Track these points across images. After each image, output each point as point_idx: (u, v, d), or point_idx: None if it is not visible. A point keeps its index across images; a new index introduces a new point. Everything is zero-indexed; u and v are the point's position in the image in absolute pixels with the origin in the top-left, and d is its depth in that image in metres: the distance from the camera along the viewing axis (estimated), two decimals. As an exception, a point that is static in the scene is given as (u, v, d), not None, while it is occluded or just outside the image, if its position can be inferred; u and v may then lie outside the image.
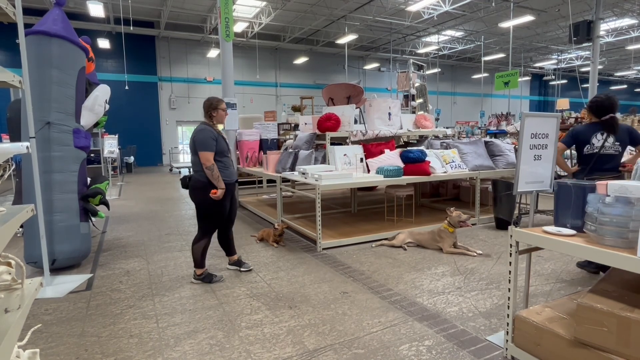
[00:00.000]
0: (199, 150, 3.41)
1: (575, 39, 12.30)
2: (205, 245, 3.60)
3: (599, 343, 1.74)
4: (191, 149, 3.52)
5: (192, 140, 3.48)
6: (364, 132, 5.80)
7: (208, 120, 3.58)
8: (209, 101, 3.59)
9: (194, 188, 3.50)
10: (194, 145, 3.45)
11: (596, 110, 3.44)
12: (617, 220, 1.71)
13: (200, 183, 3.45)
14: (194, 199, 3.54)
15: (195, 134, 3.48)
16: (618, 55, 24.31)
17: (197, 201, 3.53)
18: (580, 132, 3.49)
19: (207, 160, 3.39)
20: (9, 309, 1.17)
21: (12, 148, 1.45)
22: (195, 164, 3.51)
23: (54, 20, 3.89)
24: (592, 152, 3.41)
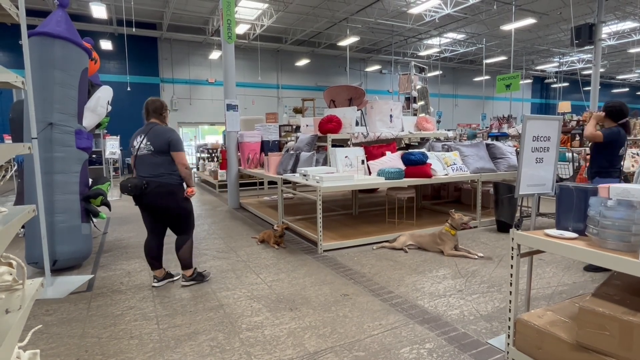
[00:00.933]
0: (176, 150, 3.24)
1: (577, 42, 12.30)
2: (191, 245, 3.49)
3: (601, 347, 1.73)
4: (157, 149, 3.22)
5: (165, 141, 3.22)
6: (366, 134, 5.80)
7: (160, 121, 3.38)
8: (159, 101, 3.40)
9: (165, 193, 3.23)
10: (167, 145, 3.22)
11: (616, 115, 3.66)
12: (620, 224, 1.70)
13: (173, 187, 3.27)
14: (169, 204, 3.28)
15: (167, 134, 3.25)
16: (620, 59, 24.28)
17: (173, 205, 3.29)
18: (621, 134, 3.68)
19: (186, 160, 3.29)
20: (10, 310, 1.17)
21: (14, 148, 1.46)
22: (157, 166, 3.22)
23: (57, 22, 3.90)
24: (622, 154, 3.70)
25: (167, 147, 3.24)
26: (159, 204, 3.27)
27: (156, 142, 3.23)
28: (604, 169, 3.71)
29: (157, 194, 3.23)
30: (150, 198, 3.24)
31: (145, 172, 3.25)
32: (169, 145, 3.23)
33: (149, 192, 3.22)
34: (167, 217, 3.37)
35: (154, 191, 3.22)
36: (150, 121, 3.36)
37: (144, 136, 3.28)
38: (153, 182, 3.21)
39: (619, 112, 3.65)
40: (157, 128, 3.29)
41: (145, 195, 3.23)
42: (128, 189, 3.17)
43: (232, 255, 4.49)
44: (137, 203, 3.37)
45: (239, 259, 4.34)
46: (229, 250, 4.67)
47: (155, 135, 3.25)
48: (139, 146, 3.29)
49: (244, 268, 4.02)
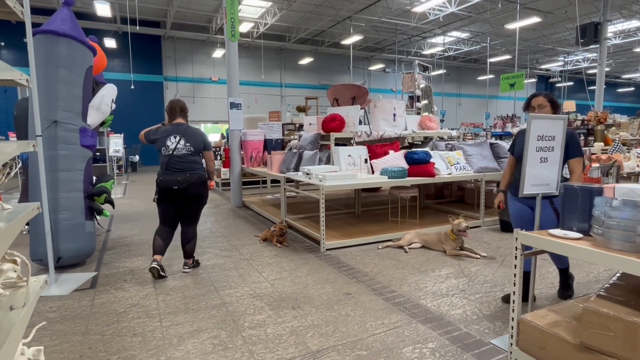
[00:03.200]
0: (209, 149, 3.80)
1: (582, 40, 12.22)
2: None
3: (605, 348, 1.73)
4: (196, 148, 3.69)
5: (201, 141, 3.72)
6: (369, 133, 5.79)
7: (186, 121, 3.82)
8: (181, 102, 3.81)
9: (201, 184, 3.72)
10: (203, 145, 3.73)
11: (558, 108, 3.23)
12: (625, 224, 1.69)
13: (205, 178, 3.76)
14: (203, 193, 3.75)
15: (202, 135, 3.76)
16: (625, 58, 24.11)
17: (204, 195, 3.78)
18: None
19: (213, 157, 3.83)
20: (14, 307, 1.18)
21: (19, 146, 1.46)
22: (194, 163, 3.69)
23: (62, 20, 3.91)
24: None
25: (203, 147, 3.75)
26: (197, 192, 3.70)
27: (195, 142, 3.69)
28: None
29: (197, 184, 3.68)
30: (193, 188, 3.67)
31: (185, 168, 3.65)
32: (204, 145, 3.76)
33: (193, 183, 3.65)
34: (194, 205, 3.77)
35: (197, 182, 3.67)
36: (179, 121, 3.75)
37: (179, 137, 3.66)
38: (194, 174, 3.67)
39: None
40: (192, 129, 3.73)
41: (190, 186, 3.64)
42: (179, 182, 3.58)
43: (234, 253, 4.49)
44: (170, 197, 3.66)
45: (242, 257, 4.35)
46: (231, 249, 4.68)
47: (192, 136, 3.70)
48: (176, 146, 3.65)
49: (247, 266, 4.03)
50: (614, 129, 9.02)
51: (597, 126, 7.42)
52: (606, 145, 6.95)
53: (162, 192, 3.64)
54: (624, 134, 8.59)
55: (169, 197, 3.66)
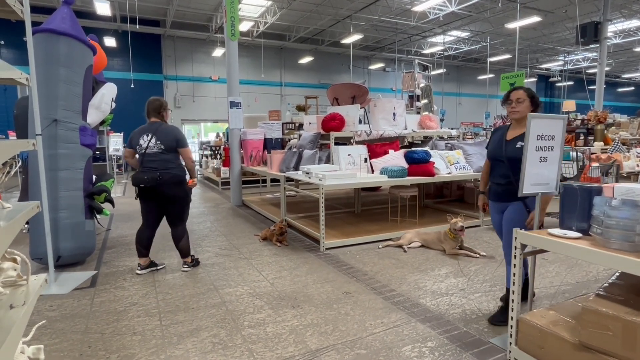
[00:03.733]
0: (183, 147, 3.65)
1: (583, 40, 12.21)
2: (188, 235, 3.90)
3: (604, 347, 1.73)
4: (167, 146, 3.58)
5: (173, 139, 3.59)
6: (369, 132, 5.79)
7: (161, 119, 3.70)
8: (158, 101, 3.71)
9: (176, 184, 3.62)
10: (175, 143, 3.60)
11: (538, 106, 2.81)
12: (624, 224, 1.69)
13: (181, 178, 3.66)
14: (178, 193, 3.66)
15: (174, 133, 3.63)
16: (625, 57, 24.10)
17: (180, 195, 3.69)
18: None
19: (191, 155, 3.68)
20: (14, 305, 1.18)
21: (19, 145, 1.46)
22: (167, 161, 3.60)
23: (62, 19, 3.91)
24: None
25: (176, 145, 3.61)
26: (171, 192, 3.62)
27: (165, 140, 3.58)
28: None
29: (170, 184, 3.59)
30: (164, 188, 3.59)
31: (156, 167, 3.58)
32: (177, 142, 3.61)
33: (163, 183, 3.56)
34: (173, 205, 3.70)
35: (168, 182, 3.58)
36: (153, 120, 3.68)
37: (151, 135, 3.59)
38: (166, 173, 3.58)
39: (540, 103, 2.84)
40: (164, 127, 3.62)
41: (160, 185, 3.56)
42: (145, 180, 3.49)
43: (234, 252, 4.50)
44: (145, 195, 3.64)
45: (242, 256, 4.35)
46: (231, 248, 4.68)
47: (164, 134, 3.59)
48: (147, 144, 3.59)
49: (247, 265, 4.03)
50: (614, 129, 9.03)
51: (597, 126, 7.42)
52: (606, 145, 6.95)
53: (138, 190, 3.65)
54: (623, 133, 8.59)
55: (143, 195, 3.65)
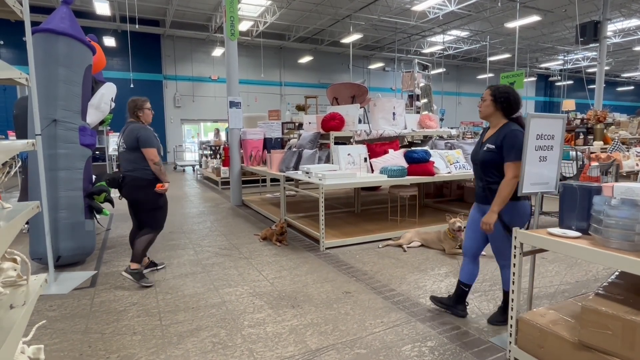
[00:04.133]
0: (145, 147, 3.41)
1: (582, 39, 12.21)
2: (151, 241, 3.58)
3: (604, 346, 1.73)
4: (129, 146, 3.45)
5: (134, 138, 3.41)
6: (368, 131, 5.79)
7: (137, 120, 3.58)
8: (133, 102, 3.57)
9: (137, 187, 3.47)
10: (137, 142, 3.41)
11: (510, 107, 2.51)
12: (623, 223, 1.69)
13: (145, 181, 3.46)
14: (139, 197, 3.50)
15: (136, 132, 3.42)
16: (625, 56, 24.11)
17: (143, 199, 3.51)
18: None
19: (154, 157, 3.44)
20: (14, 305, 1.18)
21: (18, 145, 1.46)
22: (131, 162, 3.47)
23: (61, 19, 3.91)
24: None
25: (137, 144, 3.42)
26: (132, 196, 3.53)
27: (127, 140, 3.47)
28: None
29: (131, 187, 3.48)
30: (126, 191, 3.53)
31: (124, 168, 3.53)
32: (137, 141, 3.41)
33: (125, 185, 3.50)
34: (139, 210, 3.59)
35: (129, 184, 3.48)
36: (128, 120, 3.60)
37: (121, 135, 3.57)
38: (129, 176, 3.48)
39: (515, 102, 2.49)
40: (130, 126, 3.50)
41: (122, 188, 3.52)
42: (107, 181, 3.53)
43: (234, 252, 4.50)
44: (121, 196, 3.64)
45: (242, 255, 4.35)
46: (231, 247, 4.68)
47: (127, 133, 3.49)
48: (119, 144, 3.59)
49: (246, 265, 4.03)
50: (614, 128, 9.03)
51: (596, 125, 7.42)
52: (605, 144, 6.95)
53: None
54: (623, 132, 8.60)
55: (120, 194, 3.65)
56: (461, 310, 2.81)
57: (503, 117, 2.53)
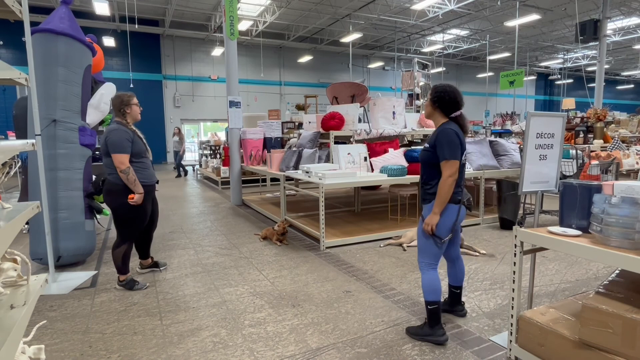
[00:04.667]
0: (111, 152, 3.14)
1: (582, 38, 12.21)
2: (126, 252, 3.37)
3: (604, 344, 1.73)
4: (103, 150, 3.23)
5: (104, 142, 3.17)
6: (368, 131, 5.79)
7: (121, 119, 3.31)
8: (119, 98, 3.31)
9: (109, 192, 3.25)
10: (106, 145, 3.17)
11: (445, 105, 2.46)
12: (624, 221, 1.69)
13: (117, 187, 3.21)
14: (110, 204, 3.27)
15: (107, 135, 3.19)
16: (625, 55, 24.10)
17: (114, 206, 3.26)
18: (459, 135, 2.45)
19: (121, 164, 3.13)
20: (14, 305, 1.18)
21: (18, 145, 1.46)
22: (106, 166, 3.25)
23: (60, 19, 3.91)
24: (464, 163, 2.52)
25: (106, 148, 3.19)
26: (106, 201, 3.35)
27: (102, 142, 3.23)
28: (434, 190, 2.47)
29: (105, 192, 3.32)
30: (103, 196, 3.38)
31: (105, 172, 3.35)
32: (107, 146, 3.18)
33: (103, 191, 3.35)
34: (113, 215, 3.35)
35: (105, 188, 3.32)
36: (114, 120, 3.34)
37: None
38: (107, 180, 3.31)
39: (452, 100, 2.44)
40: (108, 128, 3.24)
41: (102, 192, 3.46)
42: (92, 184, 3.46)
43: (234, 251, 4.50)
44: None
45: (242, 255, 4.35)
46: (231, 247, 4.68)
47: (103, 135, 3.25)
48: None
49: (247, 264, 4.03)
50: (614, 127, 9.03)
51: (596, 123, 7.42)
52: (605, 143, 6.95)
53: None
54: (623, 131, 8.60)
55: None
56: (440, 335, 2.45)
57: (442, 116, 2.49)
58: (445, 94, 2.44)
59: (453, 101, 2.44)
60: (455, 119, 2.48)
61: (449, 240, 2.51)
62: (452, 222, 2.44)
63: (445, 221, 2.43)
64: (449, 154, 2.36)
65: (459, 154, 2.37)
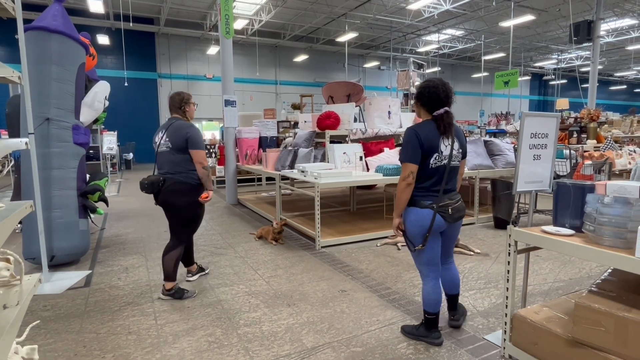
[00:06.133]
0: (194, 148, 3.05)
1: (576, 38, 12.30)
2: (180, 256, 3.19)
3: (597, 343, 1.75)
4: (175, 147, 3.06)
5: (183, 138, 3.04)
6: (364, 130, 5.80)
7: (181, 116, 3.21)
8: (179, 95, 3.23)
9: (178, 191, 3.06)
10: (185, 143, 3.04)
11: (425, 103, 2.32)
12: (616, 221, 1.71)
13: (187, 185, 3.08)
14: (179, 204, 3.09)
15: (185, 131, 3.06)
16: (618, 56, 24.31)
17: (182, 206, 3.10)
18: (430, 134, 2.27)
19: (204, 160, 3.07)
20: (7, 305, 1.17)
21: (11, 144, 1.45)
22: (175, 164, 3.07)
23: (53, 16, 3.87)
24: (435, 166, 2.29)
25: (185, 144, 3.05)
26: (170, 201, 3.10)
27: (174, 138, 3.06)
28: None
29: (171, 192, 3.07)
30: (164, 195, 3.09)
31: (165, 170, 3.11)
32: (187, 142, 3.05)
33: (164, 190, 3.07)
34: (173, 217, 3.17)
35: (169, 188, 3.06)
36: (172, 116, 3.23)
37: (164, 132, 3.14)
38: (170, 179, 3.06)
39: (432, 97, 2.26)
40: (177, 123, 3.11)
41: (162, 192, 3.08)
42: (145, 186, 3.03)
43: (230, 251, 4.49)
44: (155, 201, 3.20)
45: (237, 254, 4.34)
46: (226, 247, 4.67)
47: (174, 131, 3.08)
48: (160, 142, 3.13)
49: (242, 264, 4.02)
50: (607, 127, 9.11)
51: (589, 124, 7.48)
52: (599, 143, 7.01)
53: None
54: (616, 131, 8.68)
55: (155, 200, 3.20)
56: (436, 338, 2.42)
57: (426, 114, 2.33)
58: (425, 89, 2.27)
59: (434, 98, 2.24)
60: (435, 118, 2.27)
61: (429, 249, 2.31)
62: (421, 228, 2.26)
63: (412, 227, 2.29)
64: (403, 156, 2.27)
65: (415, 157, 2.23)
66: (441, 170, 2.29)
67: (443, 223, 2.31)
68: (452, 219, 2.33)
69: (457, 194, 2.45)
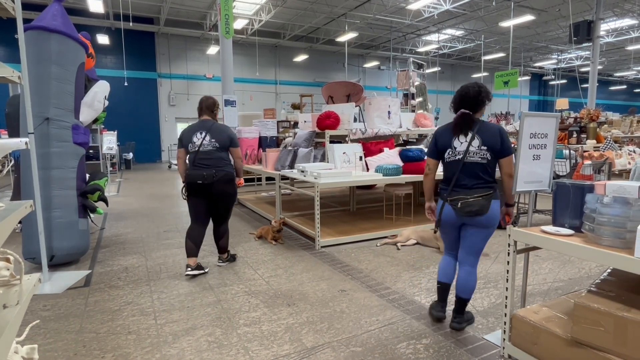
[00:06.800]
0: (236, 146, 3.76)
1: (576, 38, 12.31)
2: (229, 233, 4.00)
3: (596, 342, 1.75)
4: (221, 144, 3.66)
5: (227, 137, 3.68)
6: (364, 130, 5.80)
7: (213, 118, 3.78)
8: (212, 99, 3.79)
9: (230, 181, 3.72)
10: (229, 142, 3.69)
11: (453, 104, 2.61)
12: (615, 221, 1.71)
13: (233, 175, 3.76)
14: (231, 191, 3.75)
15: (228, 131, 3.73)
16: (618, 56, 24.32)
17: (232, 192, 3.78)
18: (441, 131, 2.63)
19: (241, 154, 3.80)
20: (7, 305, 1.17)
21: (10, 144, 1.45)
22: (222, 160, 3.68)
23: (53, 16, 3.87)
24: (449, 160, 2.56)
25: (229, 143, 3.71)
26: (225, 190, 3.69)
27: (221, 138, 3.66)
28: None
29: (224, 182, 3.65)
30: (219, 185, 3.64)
31: (212, 164, 3.63)
32: (231, 141, 3.72)
33: (219, 180, 3.62)
34: (223, 203, 3.75)
35: (222, 179, 3.64)
36: (205, 118, 3.74)
37: (205, 133, 3.65)
38: (220, 171, 3.64)
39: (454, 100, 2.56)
40: (218, 126, 3.70)
41: (215, 183, 3.60)
42: (203, 177, 3.54)
43: (229, 250, 4.48)
44: (197, 192, 3.65)
45: (237, 254, 4.34)
46: (226, 246, 4.67)
47: (218, 132, 3.67)
48: (202, 142, 3.64)
49: (242, 264, 4.03)
50: (606, 127, 9.12)
51: (589, 124, 7.48)
52: (598, 143, 7.02)
53: (189, 187, 3.65)
54: (615, 131, 8.68)
55: (196, 192, 3.65)
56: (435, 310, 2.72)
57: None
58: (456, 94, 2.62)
59: (454, 101, 2.59)
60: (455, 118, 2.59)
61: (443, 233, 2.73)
62: (437, 215, 2.66)
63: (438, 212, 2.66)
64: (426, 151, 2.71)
65: (431, 152, 2.65)
66: (454, 165, 2.53)
67: (453, 215, 2.54)
68: (462, 212, 2.50)
69: (481, 190, 2.47)
